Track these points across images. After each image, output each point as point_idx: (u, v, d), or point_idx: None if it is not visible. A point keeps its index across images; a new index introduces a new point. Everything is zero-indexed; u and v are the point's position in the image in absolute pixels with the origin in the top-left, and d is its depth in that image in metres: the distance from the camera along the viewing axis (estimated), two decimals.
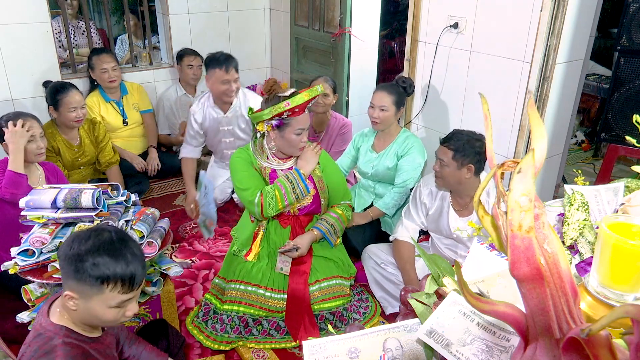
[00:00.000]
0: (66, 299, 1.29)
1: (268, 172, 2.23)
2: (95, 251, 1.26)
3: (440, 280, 0.99)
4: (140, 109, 3.65)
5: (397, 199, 2.68)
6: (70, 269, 1.27)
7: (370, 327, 0.95)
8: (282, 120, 2.09)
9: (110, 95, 3.49)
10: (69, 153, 3.02)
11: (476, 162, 2.04)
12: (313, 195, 2.26)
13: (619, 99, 2.55)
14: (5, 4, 3.25)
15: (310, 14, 3.81)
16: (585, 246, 1.05)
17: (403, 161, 2.65)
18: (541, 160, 0.60)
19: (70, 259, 1.26)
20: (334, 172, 2.33)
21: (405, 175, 2.64)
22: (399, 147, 2.68)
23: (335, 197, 2.34)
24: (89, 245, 1.26)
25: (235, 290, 2.17)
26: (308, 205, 2.28)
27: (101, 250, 1.26)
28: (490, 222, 0.67)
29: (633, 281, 0.76)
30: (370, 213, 2.73)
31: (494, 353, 0.82)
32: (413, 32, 2.85)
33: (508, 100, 2.47)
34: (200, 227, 2.42)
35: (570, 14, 2.25)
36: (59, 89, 2.90)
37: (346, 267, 2.36)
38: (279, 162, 2.24)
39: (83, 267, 1.24)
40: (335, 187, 2.32)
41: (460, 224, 2.17)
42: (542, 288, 0.59)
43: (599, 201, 1.18)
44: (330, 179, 2.30)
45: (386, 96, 2.59)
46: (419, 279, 2.16)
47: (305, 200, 2.25)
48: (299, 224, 2.30)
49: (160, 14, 4.16)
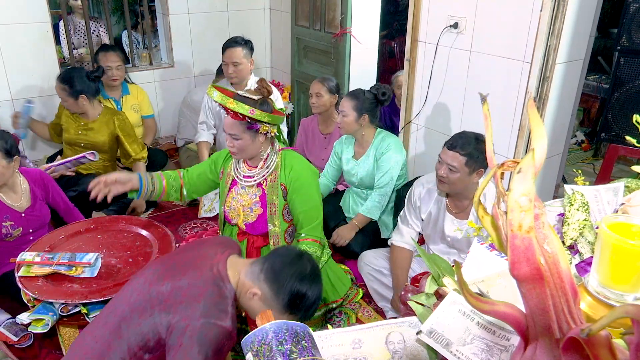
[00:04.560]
0: (250, 291, 1.37)
1: (230, 180, 2.09)
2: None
3: (440, 280, 1.00)
4: (141, 112, 3.65)
5: (378, 201, 2.68)
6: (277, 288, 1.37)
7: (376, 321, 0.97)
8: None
9: (108, 93, 3.48)
10: (72, 125, 3.05)
11: (486, 166, 2.02)
12: (259, 214, 2.03)
13: (619, 99, 2.55)
14: (5, 4, 3.25)
15: (311, 14, 3.81)
16: (585, 246, 1.05)
17: (381, 161, 2.67)
18: (541, 160, 0.60)
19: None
20: (301, 202, 2.01)
21: (384, 177, 2.65)
22: (376, 149, 2.70)
23: (299, 227, 2.05)
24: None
25: None
26: (253, 223, 2.06)
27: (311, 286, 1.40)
28: (490, 222, 0.67)
29: (633, 281, 0.76)
30: (356, 222, 2.73)
31: (494, 352, 0.82)
32: (413, 32, 2.85)
33: (508, 100, 2.46)
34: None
35: (570, 14, 2.25)
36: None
37: (334, 289, 2.22)
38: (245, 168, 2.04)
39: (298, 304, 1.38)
40: (299, 216, 2.02)
41: (456, 227, 2.14)
42: (542, 288, 0.59)
43: (599, 201, 1.18)
44: (295, 208, 2.02)
45: (346, 101, 2.64)
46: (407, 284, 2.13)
47: (250, 217, 2.05)
48: (252, 243, 2.12)
49: (160, 14, 4.16)
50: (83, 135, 3.05)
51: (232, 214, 2.09)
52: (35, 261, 1.81)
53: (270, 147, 2.01)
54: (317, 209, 2.05)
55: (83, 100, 2.95)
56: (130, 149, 3.13)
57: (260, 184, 2.02)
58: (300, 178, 1.99)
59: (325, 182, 2.93)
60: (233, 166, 2.08)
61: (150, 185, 2.01)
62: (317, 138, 3.24)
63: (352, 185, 2.89)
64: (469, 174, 1.99)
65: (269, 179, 2.01)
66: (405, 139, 3.09)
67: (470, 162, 1.96)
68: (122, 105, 3.53)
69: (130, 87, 3.62)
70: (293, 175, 1.99)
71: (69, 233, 2.07)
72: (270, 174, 2.01)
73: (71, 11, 4.15)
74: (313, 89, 3.05)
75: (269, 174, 2.00)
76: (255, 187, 2.03)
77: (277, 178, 2.00)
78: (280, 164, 2.01)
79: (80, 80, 2.93)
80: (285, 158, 2.02)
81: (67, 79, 2.93)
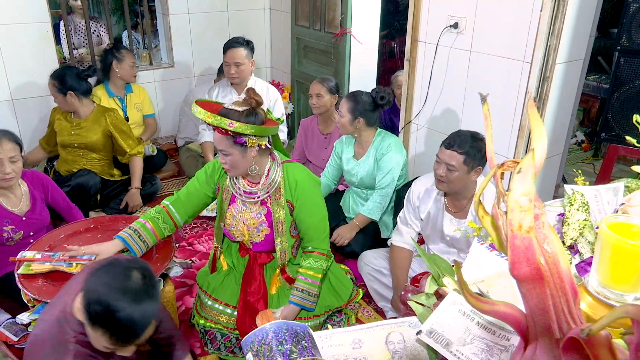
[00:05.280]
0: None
1: (229, 197, 2.00)
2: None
3: (440, 280, 1.00)
4: (143, 111, 3.68)
5: (379, 201, 2.68)
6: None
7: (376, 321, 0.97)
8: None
9: (114, 91, 3.51)
10: (65, 127, 3.06)
11: (484, 164, 2.03)
12: (266, 234, 1.98)
13: (619, 99, 2.55)
14: (5, 4, 3.25)
15: (311, 14, 3.81)
16: (585, 246, 1.05)
17: (382, 162, 2.66)
18: (541, 160, 0.60)
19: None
20: (308, 216, 1.95)
21: (386, 177, 2.65)
22: (376, 150, 2.69)
23: (306, 240, 2.02)
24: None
25: (210, 309, 2.11)
26: (260, 242, 2.01)
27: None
28: (490, 222, 0.67)
29: (633, 281, 0.76)
30: (356, 222, 2.72)
31: (494, 352, 0.82)
32: (413, 32, 2.85)
33: (508, 100, 2.46)
34: None
35: (570, 14, 2.25)
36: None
37: (337, 295, 2.19)
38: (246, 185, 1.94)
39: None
40: (307, 230, 1.99)
41: (455, 227, 2.14)
42: (542, 288, 0.59)
43: (599, 201, 1.18)
44: (301, 222, 1.98)
45: (344, 102, 2.64)
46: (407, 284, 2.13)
47: (256, 237, 2.00)
48: (255, 259, 2.08)
49: (160, 14, 4.17)
50: (76, 136, 3.06)
51: (235, 233, 2.01)
52: (35, 258, 1.81)
53: (271, 160, 1.90)
54: (324, 220, 2.00)
55: (72, 98, 2.97)
56: (125, 145, 3.14)
57: (264, 202, 1.94)
58: (305, 193, 1.92)
59: (326, 181, 2.93)
60: (230, 182, 1.96)
61: (138, 240, 1.88)
62: (317, 138, 3.25)
63: (352, 185, 2.89)
64: (467, 172, 2.00)
65: (273, 197, 1.92)
66: (405, 139, 3.09)
67: (468, 160, 1.98)
68: (126, 104, 3.57)
69: (133, 86, 3.65)
70: (299, 191, 1.91)
71: (68, 233, 2.07)
72: (274, 191, 1.91)
73: (71, 11, 4.15)
74: (313, 89, 3.05)
75: (273, 192, 1.91)
76: (258, 204, 1.94)
77: (281, 196, 1.92)
78: (284, 179, 1.92)
79: (71, 77, 2.96)
80: (288, 173, 1.92)
81: (58, 76, 2.97)
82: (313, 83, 3.08)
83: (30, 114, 3.58)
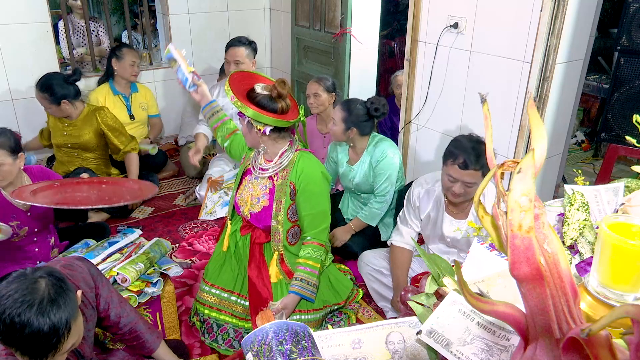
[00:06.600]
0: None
1: (245, 169, 2.16)
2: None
3: (440, 280, 1.00)
4: (148, 111, 3.70)
5: (377, 208, 2.67)
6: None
7: (376, 321, 0.97)
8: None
9: (119, 89, 3.51)
10: (57, 128, 3.06)
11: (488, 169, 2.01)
12: (264, 206, 2.07)
13: (619, 99, 2.55)
14: (5, 4, 3.26)
15: (311, 14, 3.81)
16: (585, 246, 1.05)
17: (378, 169, 2.62)
18: (541, 160, 0.60)
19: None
20: (308, 205, 2.03)
21: (384, 184, 2.63)
22: (371, 155, 2.66)
23: (305, 229, 2.08)
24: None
25: (207, 294, 2.18)
26: (257, 213, 2.10)
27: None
28: (490, 222, 0.67)
29: (633, 281, 0.76)
30: (352, 225, 2.72)
31: (494, 352, 0.82)
32: (413, 32, 2.85)
33: (508, 100, 2.47)
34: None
35: (570, 14, 2.25)
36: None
37: (335, 292, 2.23)
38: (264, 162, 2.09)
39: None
40: (305, 219, 2.06)
41: (455, 227, 2.14)
42: (542, 288, 0.59)
43: (599, 201, 1.18)
44: (301, 210, 2.06)
45: (337, 110, 2.61)
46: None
47: (255, 207, 2.09)
48: (254, 239, 2.16)
49: (160, 14, 4.17)
50: (68, 136, 3.06)
51: (241, 202, 2.15)
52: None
53: (289, 145, 2.05)
54: (324, 214, 2.07)
55: (65, 105, 2.95)
56: (117, 142, 3.13)
57: (271, 177, 2.07)
58: (310, 182, 2.01)
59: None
60: (254, 156, 2.14)
61: (217, 106, 2.26)
62: (315, 138, 3.24)
63: (348, 190, 2.88)
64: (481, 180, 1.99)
65: (280, 175, 2.05)
66: (405, 139, 3.09)
67: (484, 171, 1.96)
68: (131, 102, 3.57)
69: (139, 85, 3.66)
70: (303, 178, 2.01)
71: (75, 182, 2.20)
72: (282, 169, 2.04)
73: (71, 11, 4.15)
74: (310, 89, 3.05)
75: (281, 170, 2.05)
76: (267, 179, 2.08)
77: (287, 175, 2.04)
78: (294, 163, 2.04)
79: (59, 86, 2.92)
80: (299, 159, 2.05)
81: (46, 87, 2.91)
82: (310, 83, 3.08)
83: (30, 113, 3.58)
